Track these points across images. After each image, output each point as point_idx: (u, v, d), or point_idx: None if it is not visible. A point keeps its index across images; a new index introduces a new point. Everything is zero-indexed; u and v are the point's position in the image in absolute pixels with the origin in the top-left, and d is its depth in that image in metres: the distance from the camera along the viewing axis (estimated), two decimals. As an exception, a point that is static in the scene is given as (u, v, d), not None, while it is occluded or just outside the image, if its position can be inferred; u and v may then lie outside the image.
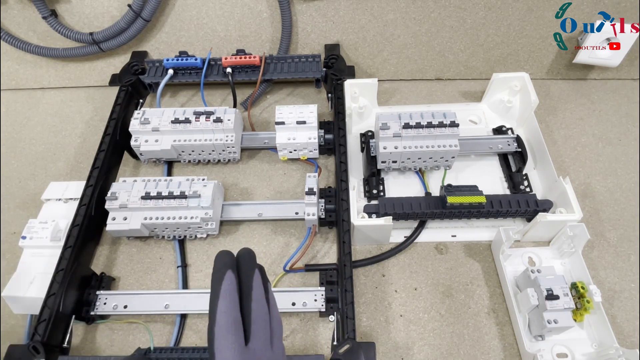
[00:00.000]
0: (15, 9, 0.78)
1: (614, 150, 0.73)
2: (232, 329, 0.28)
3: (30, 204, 0.71)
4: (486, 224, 0.65)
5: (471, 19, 0.77)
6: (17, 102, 0.86)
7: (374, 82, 0.73)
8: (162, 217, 0.60)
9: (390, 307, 0.59)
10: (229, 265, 0.29)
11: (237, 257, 0.31)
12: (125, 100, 0.74)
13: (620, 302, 0.58)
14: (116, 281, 0.63)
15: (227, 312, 0.28)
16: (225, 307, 0.28)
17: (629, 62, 0.80)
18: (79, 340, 0.58)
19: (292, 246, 0.64)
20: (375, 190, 0.67)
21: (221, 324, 0.27)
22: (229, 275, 0.29)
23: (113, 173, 0.70)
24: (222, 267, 0.29)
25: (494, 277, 0.61)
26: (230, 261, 0.30)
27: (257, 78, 0.76)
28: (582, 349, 0.54)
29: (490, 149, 0.70)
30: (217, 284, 0.29)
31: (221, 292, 0.28)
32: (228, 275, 0.29)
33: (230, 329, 0.28)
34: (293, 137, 0.68)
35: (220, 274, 0.29)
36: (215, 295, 0.28)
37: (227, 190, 0.70)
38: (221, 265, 0.29)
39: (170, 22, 0.80)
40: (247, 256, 0.31)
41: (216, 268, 0.29)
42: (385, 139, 0.63)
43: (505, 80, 0.73)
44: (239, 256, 0.31)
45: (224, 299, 0.28)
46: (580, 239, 0.57)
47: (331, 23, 0.79)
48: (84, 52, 0.81)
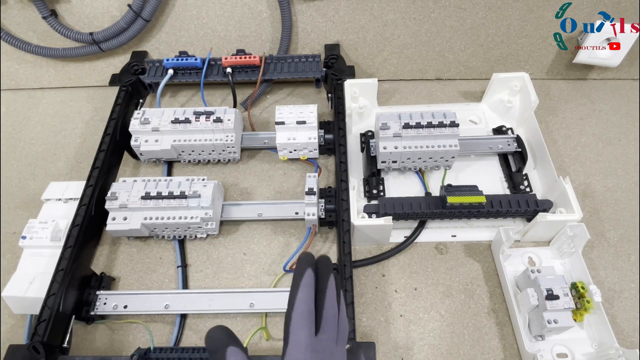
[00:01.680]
0: (15, 9, 0.78)
1: (614, 150, 0.73)
2: (307, 317, 0.31)
3: (30, 204, 0.71)
4: (486, 224, 0.65)
5: (471, 19, 0.77)
6: (17, 102, 0.86)
7: (374, 82, 0.73)
8: (162, 217, 0.60)
9: (390, 307, 0.59)
10: (310, 264, 0.32)
11: (317, 261, 0.34)
12: (125, 100, 0.74)
13: (620, 302, 0.58)
14: (116, 281, 0.63)
15: (305, 301, 0.31)
16: (304, 297, 0.31)
17: (629, 62, 0.80)
18: (79, 340, 0.57)
19: (292, 246, 0.64)
20: (375, 190, 0.67)
21: (298, 311, 0.31)
22: (309, 271, 0.32)
23: (113, 173, 0.70)
24: (304, 265, 0.32)
25: (494, 277, 0.61)
26: (311, 261, 0.33)
27: (257, 78, 0.76)
28: (582, 349, 0.54)
29: (490, 149, 0.70)
30: (299, 277, 0.32)
31: (301, 283, 0.31)
32: (308, 271, 0.32)
33: (306, 316, 0.31)
34: (293, 137, 0.68)
35: (302, 270, 0.32)
36: (296, 286, 0.31)
37: (227, 190, 0.70)
38: (303, 263, 0.32)
39: (170, 22, 0.80)
40: (325, 261, 0.34)
41: (298, 265, 0.32)
42: (385, 139, 0.63)
43: (505, 80, 0.73)
44: (318, 260, 0.34)
45: (303, 290, 0.31)
46: (580, 239, 0.57)
47: (331, 23, 0.79)
48: (84, 52, 0.81)
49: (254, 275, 0.62)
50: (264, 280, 0.62)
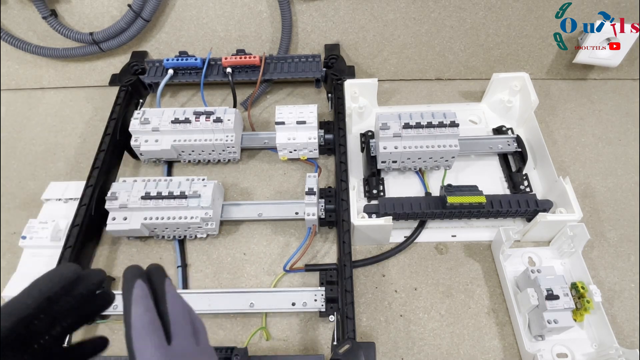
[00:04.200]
0: (15, 9, 0.78)
1: (614, 150, 0.73)
2: (150, 329, 0.27)
3: (30, 204, 0.71)
4: (486, 224, 0.65)
5: (471, 19, 0.77)
6: (17, 102, 0.86)
7: (374, 82, 0.73)
8: (162, 217, 0.60)
9: (390, 307, 0.59)
10: (137, 275, 0.29)
11: (147, 270, 0.31)
12: (125, 100, 0.74)
13: (620, 302, 0.58)
14: (116, 281, 0.63)
15: (142, 314, 0.28)
16: (140, 311, 0.28)
17: (629, 62, 0.80)
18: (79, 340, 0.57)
19: (292, 246, 0.64)
20: (375, 190, 0.67)
21: (137, 327, 0.27)
22: (139, 283, 0.29)
23: (113, 173, 0.70)
24: (131, 277, 0.29)
25: (494, 277, 0.61)
26: (138, 272, 0.30)
27: (257, 78, 0.76)
28: (582, 349, 0.54)
29: (490, 149, 0.70)
30: (128, 293, 0.28)
31: (133, 298, 0.28)
32: (138, 283, 0.29)
33: (147, 329, 0.27)
34: (293, 137, 0.68)
35: (130, 284, 0.29)
36: (128, 303, 0.28)
37: (227, 190, 0.70)
38: (130, 276, 0.29)
39: (170, 22, 0.80)
40: (156, 268, 0.31)
41: (125, 279, 0.29)
42: (385, 139, 0.63)
43: (505, 80, 0.73)
44: (148, 269, 0.31)
45: (136, 304, 0.28)
46: (580, 239, 0.57)
47: (331, 23, 0.79)
48: (84, 52, 0.81)
49: (254, 275, 0.62)
50: (264, 280, 0.62)
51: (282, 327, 0.58)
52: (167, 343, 0.28)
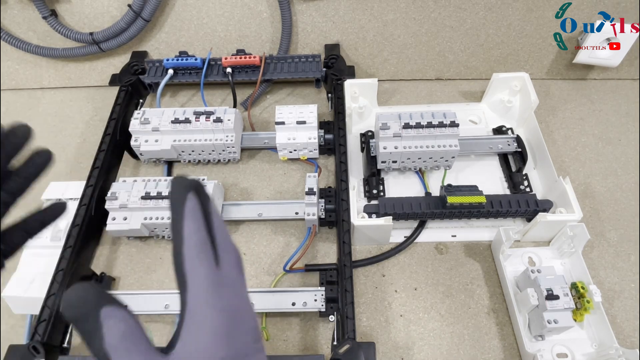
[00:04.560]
0: (15, 9, 0.78)
1: (614, 150, 0.73)
2: (203, 248, 0.24)
3: (30, 204, 0.70)
4: (486, 224, 0.65)
5: (471, 19, 0.77)
6: (17, 102, 0.86)
7: (374, 82, 0.73)
8: (162, 217, 0.60)
9: (390, 307, 0.59)
10: (190, 187, 0.26)
11: (194, 185, 0.27)
12: (125, 100, 0.74)
13: (620, 302, 0.58)
14: (116, 281, 0.63)
15: (196, 231, 0.25)
16: (194, 227, 0.25)
17: (629, 62, 0.80)
18: (79, 340, 0.58)
19: (292, 246, 0.64)
20: (375, 190, 0.67)
21: (190, 244, 0.24)
22: (191, 195, 0.25)
23: (113, 173, 0.70)
24: (184, 189, 0.25)
25: (494, 277, 0.61)
26: (190, 184, 0.26)
27: (257, 78, 0.76)
28: (582, 349, 0.54)
29: (490, 149, 0.70)
30: (180, 204, 0.25)
31: (185, 211, 0.25)
32: (191, 195, 0.25)
33: (201, 248, 0.24)
34: (293, 137, 0.68)
35: (182, 195, 0.25)
36: (179, 215, 0.25)
37: (227, 190, 0.70)
38: (182, 187, 0.25)
39: (170, 22, 0.80)
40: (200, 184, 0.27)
41: (176, 188, 0.25)
42: (385, 139, 0.63)
43: (505, 80, 0.73)
44: (194, 184, 0.26)
45: (189, 219, 0.25)
46: (580, 239, 0.57)
47: (331, 23, 0.79)
48: (84, 52, 0.81)
49: (254, 275, 0.62)
50: (264, 280, 0.62)
51: (282, 327, 0.58)
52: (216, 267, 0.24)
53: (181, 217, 0.24)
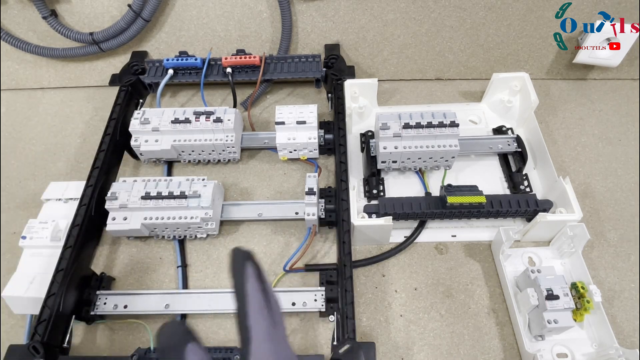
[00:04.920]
0: (15, 9, 0.78)
1: (614, 150, 0.73)
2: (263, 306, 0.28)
3: (30, 204, 0.71)
4: (486, 224, 0.65)
5: (471, 19, 0.77)
6: (17, 102, 0.86)
7: (374, 82, 0.73)
8: (162, 217, 0.60)
9: (390, 307, 0.59)
10: (248, 257, 0.30)
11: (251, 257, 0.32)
12: (125, 100, 0.74)
13: (620, 302, 0.58)
14: (116, 281, 0.63)
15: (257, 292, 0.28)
16: (255, 288, 0.28)
17: (629, 62, 0.80)
18: (79, 340, 0.58)
19: (292, 246, 0.64)
20: (375, 190, 0.67)
21: (253, 302, 0.28)
22: (251, 263, 0.29)
23: (113, 173, 0.70)
24: (243, 258, 0.30)
25: (494, 277, 0.61)
26: (248, 255, 0.30)
27: (257, 78, 0.76)
28: (582, 349, 0.54)
29: (490, 149, 0.70)
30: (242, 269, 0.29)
31: (247, 276, 0.29)
32: (250, 263, 0.29)
33: (262, 305, 0.28)
34: (293, 137, 0.68)
35: (243, 262, 0.29)
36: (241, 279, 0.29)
37: (227, 190, 0.70)
38: (241, 257, 0.30)
39: (170, 22, 0.80)
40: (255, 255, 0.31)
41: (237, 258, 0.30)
42: (385, 139, 0.63)
43: (505, 80, 0.73)
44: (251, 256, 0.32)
45: (251, 282, 0.29)
46: (580, 239, 0.57)
47: (331, 23, 0.79)
48: (84, 52, 0.81)
49: (254, 275, 0.62)
50: (264, 280, 0.62)
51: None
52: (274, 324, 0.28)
53: (244, 281, 0.28)
